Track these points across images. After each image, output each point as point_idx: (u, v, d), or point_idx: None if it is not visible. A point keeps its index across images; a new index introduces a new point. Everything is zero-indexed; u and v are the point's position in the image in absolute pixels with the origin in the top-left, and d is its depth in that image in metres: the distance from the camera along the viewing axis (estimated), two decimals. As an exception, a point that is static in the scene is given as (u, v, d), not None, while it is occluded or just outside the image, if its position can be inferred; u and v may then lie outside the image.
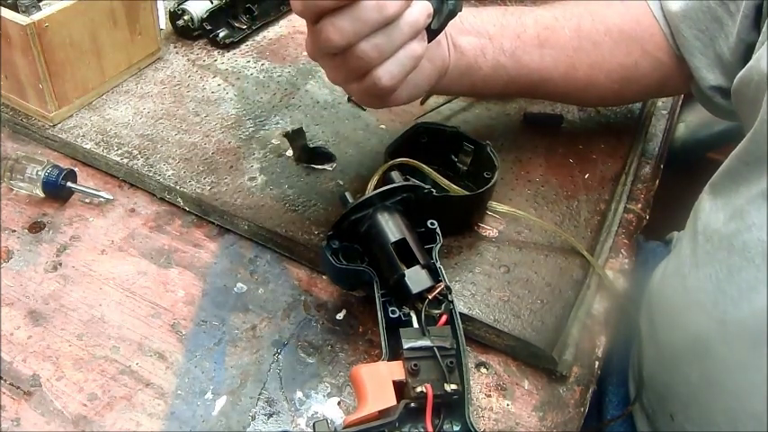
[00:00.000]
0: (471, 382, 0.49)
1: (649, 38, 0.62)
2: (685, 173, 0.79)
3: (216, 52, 0.80)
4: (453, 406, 0.43)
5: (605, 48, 0.62)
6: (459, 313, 0.48)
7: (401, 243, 0.48)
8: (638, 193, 0.67)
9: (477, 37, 0.60)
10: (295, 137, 0.64)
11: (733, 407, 0.49)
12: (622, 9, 0.63)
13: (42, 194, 0.60)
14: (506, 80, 0.62)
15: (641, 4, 0.63)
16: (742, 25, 0.55)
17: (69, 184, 0.60)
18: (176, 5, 0.80)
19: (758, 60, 0.49)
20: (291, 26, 0.86)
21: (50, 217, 0.60)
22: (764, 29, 0.51)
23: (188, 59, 0.79)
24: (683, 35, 0.60)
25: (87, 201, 0.62)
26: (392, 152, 0.58)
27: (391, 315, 0.47)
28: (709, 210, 0.52)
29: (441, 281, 0.47)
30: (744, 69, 0.51)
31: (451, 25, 0.54)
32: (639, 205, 0.66)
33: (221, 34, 0.80)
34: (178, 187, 0.62)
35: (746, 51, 0.55)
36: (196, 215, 0.61)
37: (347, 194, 0.52)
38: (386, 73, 0.46)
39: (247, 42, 0.83)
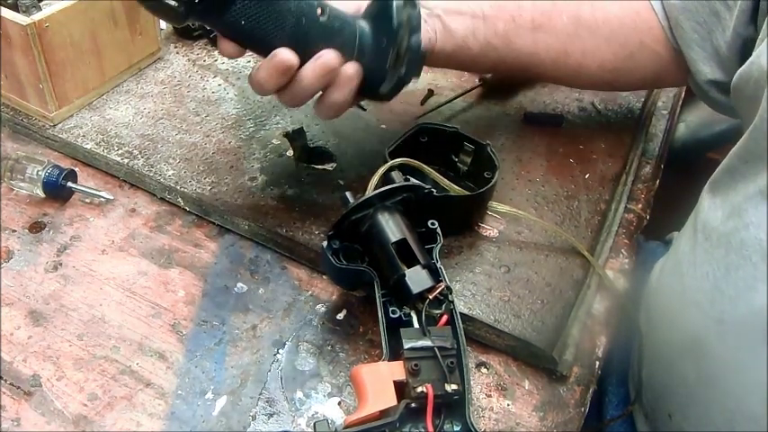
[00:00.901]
0: (472, 382, 0.49)
1: (648, 30, 0.62)
2: (685, 173, 0.79)
3: (216, 52, 0.80)
4: (454, 406, 0.43)
5: (601, 37, 0.63)
6: (460, 313, 0.48)
7: (401, 243, 0.48)
8: (638, 193, 0.67)
9: (470, 18, 0.60)
10: (295, 137, 0.64)
11: (730, 406, 0.49)
12: (624, 1, 0.63)
13: (43, 194, 0.60)
14: (496, 60, 0.63)
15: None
16: (738, 20, 0.55)
17: (70, 184, 0.60)
18: (176, 5, 0.80)
19: (758, 57, 0.49)
20: (291, 26, 0.86)
21: (51, 217, 0.60)
22: (765, 26, 0.51)
23: (188, 59, 0.79)
24: (681, 27, 0.60)
25: (88, 201, 0.62)
26: (392, 152, 0.58)
27: (392, 315, 0.47)
28: (708, 207, 0.52)
29: (441, 281, 0.47)
30: (744, 66, 0.51)
31: (447, 4, 0.57)
32: (640, 205, 0.66)
33: (221, 34, 0.80)
34: (178, 187, 0.62)
35: (743, 46, 0.56)
36: (196, 215, 0.61)
37: (347, 194, 0.52)
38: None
39: (247, 42, 0.83)
